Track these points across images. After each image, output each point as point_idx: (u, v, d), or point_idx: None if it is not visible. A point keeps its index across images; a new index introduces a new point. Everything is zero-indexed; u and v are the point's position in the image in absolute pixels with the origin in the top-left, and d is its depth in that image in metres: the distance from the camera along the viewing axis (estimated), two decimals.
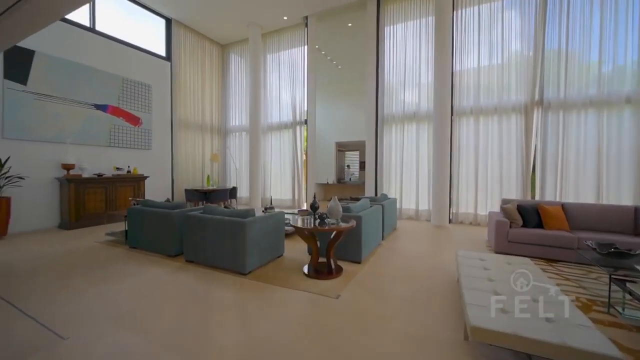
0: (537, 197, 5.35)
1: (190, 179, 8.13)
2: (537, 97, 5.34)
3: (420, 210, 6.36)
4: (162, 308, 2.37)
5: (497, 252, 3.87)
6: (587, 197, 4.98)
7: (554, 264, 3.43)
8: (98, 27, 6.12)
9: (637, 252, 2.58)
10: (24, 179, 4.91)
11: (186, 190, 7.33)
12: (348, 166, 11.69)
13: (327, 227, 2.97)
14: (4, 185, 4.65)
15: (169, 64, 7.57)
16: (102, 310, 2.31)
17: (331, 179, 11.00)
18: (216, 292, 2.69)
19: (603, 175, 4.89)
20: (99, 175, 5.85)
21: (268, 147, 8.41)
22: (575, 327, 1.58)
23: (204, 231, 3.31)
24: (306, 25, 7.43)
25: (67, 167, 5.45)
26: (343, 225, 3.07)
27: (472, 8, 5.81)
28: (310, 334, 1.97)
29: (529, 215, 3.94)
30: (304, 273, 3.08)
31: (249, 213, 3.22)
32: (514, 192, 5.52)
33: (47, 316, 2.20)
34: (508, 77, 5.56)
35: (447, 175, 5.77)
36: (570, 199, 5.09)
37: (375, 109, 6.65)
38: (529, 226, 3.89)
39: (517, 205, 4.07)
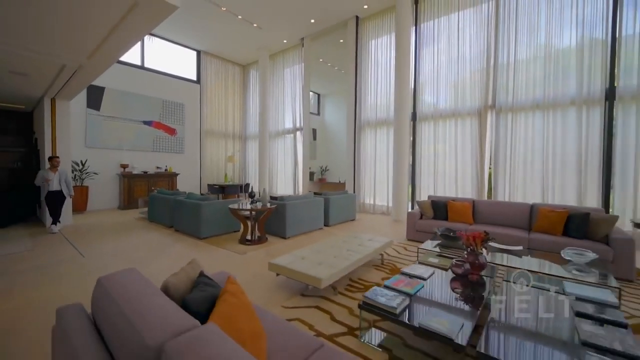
0: (492, 196, 5.63)
1: (215, 176, 10.12)
2: (490, 102, 5.63)
3: (390, 206, 7.04)
4: (157, 250, 3.95)
5: (408, 240, 4.58)
6: (534, 196, 5.14)
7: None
8: (146, 64, 8.41)
9: (455, 235, 3.22)
10: (97, 174, 7.30)
11: (208, 185, 9.30)
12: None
13: (246, 209, 4.23)
14: (84, 178, 7.05)
15: (198, 85, 9.66)
16: (113, 249, 4.00)
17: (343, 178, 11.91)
18: (180, 246, 4.19)
19: (549, 175, 5.01)
20: (145, 172, 8.09)
21: (274, 149, 9.90)
22: (320, 266, 2.58)
23: (181, 209, 4.88)
24: (302, 45, 8.68)
25: (124, 166, 7.77)
26: (259, 206, 4.29)
27: (430, 22, 6.31)
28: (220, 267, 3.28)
29: (440, 209, 4.54)
30: (239, 240, 4.40)
31: (208, 199, 4.68)
32: (470, 191, 5.88)
33: (85, 250, 3.97)
34: (463, 85, 5.94)
35: (406, 175, 6.39)
36: (518, 198, 5.29)
37: (354, 115, 7.54)
38: (438, 219, 4.50)
39: (432, 201, 4.68)
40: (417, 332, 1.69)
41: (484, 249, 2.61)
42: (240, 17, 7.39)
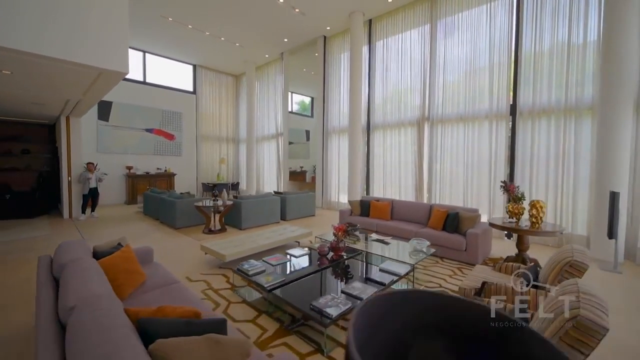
0: (425, 200, 6.46)
1: (209, 175, 11.45)
2: (426, 113, 6.44)
3: None
4: (139, 235, 5.21)
5: None
6: (458, 199, 5.95)
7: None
8: (147, 79, 9.77)
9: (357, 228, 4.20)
10: (107, 174, 8.74)
11: (202, 184, 10.63)
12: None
13: (206, 204, 5.39)
14: (101, 178, 8.52)
15: (194, 96, 10.95)
16: (108, 234, 5.30)
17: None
18: (158, 233, 5.43)
19: (469, 180, 5.80)
20: (147, 173, 9.51)
21: (261, 152, 11.06)
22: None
23: (164, 205, 6.14)
24: (282, 58, 9.70)
25: (129, 168, 9.21)
26: (219, 204, 5.43)
27: (381, 41, 7.14)
28: (178, 249, 4.47)
29: (365, 207, 5.50)
30: (202, 231, 5.58)
31: (181, 197, 5.88)
32: (411, 193, 6.74)
33: (87, 235, 5.29)
34: (405, 98, 6.76)
35: (358, 177, 7.32)
36: (445, 201, 6.11)
37: (322, 122, 8.52)
38: (364, 215, 5.46)
39: (360, 200, 5.64)
40: (248, 280, 2.75)
41: (348, 237, 3.60)
42: (223, 39, 8.52)
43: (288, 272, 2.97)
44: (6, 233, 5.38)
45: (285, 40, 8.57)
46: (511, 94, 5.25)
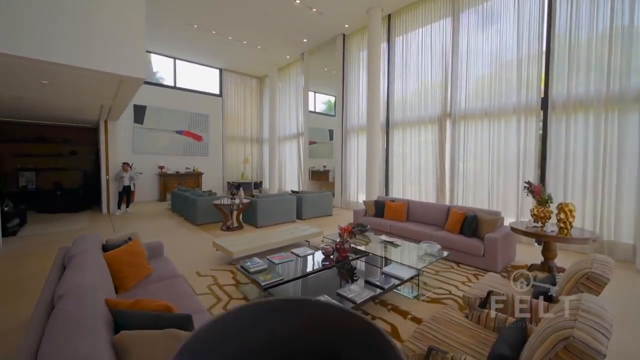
0: (447, 201, 6.13)
1: (234, 174, 11.88)
2: (448, 109, 6.10)
3: None
4: (163, 230, 5.59)
5: None
6: (482, 201, 5.56)
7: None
8: (178, 84, 10.38)
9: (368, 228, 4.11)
10: (142, 173, 9.46)
11: (227, 182, 11.07)
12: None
13: (224, 202, 5.59)
14: (136, 177, 9.24)
15: (220, 98, 11.43)
16: (136, 228, 5.72)
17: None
18: (180, 229, 5.76)
19: (494, 181, 5.40)
20: (177, 172, 10.11)
21: (283, 151, 11.24)
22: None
23: (187, 203, 6.48)
24: (303, 59, 9.77)
25: (160, 167, 9.86)
26: (237, 202, 5.61)
27: (400, 37, 6.89)
28: (194, 244, 4.72)
29: (380, 208, 5.34)
30: (220, 228, 5.80)
31: (203, 195, 6.17)
32: (432, 193, 6.43)
33: (118, 228, 5.76)
34: (425, 94, 6.46)
35: (376, 177, 7.13)
36: (468, 202, 5.74)
37: (341, 121, 8.44)
38: (378, 216, 5.31)
39: (375, 201, 5.50)
40: (249, 277, 2.79)
41: (354, 237, 3.53)
42: (245, 42, 8.79)
43: (289, 271, 2.97)
44: (53, 225, 6.04)
45: (305, 40, 8.62)
46: (542, 86, 4.78)
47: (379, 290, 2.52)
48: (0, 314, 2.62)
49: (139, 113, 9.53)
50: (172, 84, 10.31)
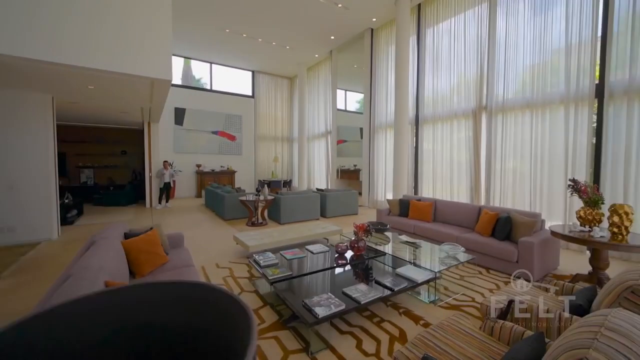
0: (482, 201, 5.64)
1: (265, 173, 12.24)
2: (483, 102, 5.60)
3: None
4: (193, 224, 5.98)
5: None
6: (523, 202, 5.01)
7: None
8: (214, 87, 10.99)
9: (387, 227, 3.94)
10: (181, 171, 10.18)
11: (258, 180, 11.45)
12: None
13: (249, 199, 5.76)
14: (175, 174, 10.00)
15: (253, 99, 11.86)
16: (171, 220, 6.17)
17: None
18: (209, 223, 6.08)
19: (537, 180, 4.82)
20: (212, 170, 10.71)
21: (312, 150, 11.30)
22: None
23: (217, 199, 6.81)
24: (331, 57, 9.72)
25: (198, 165, 10.53)
26: (261, 199, 5.75)
27: (431, 29, 6.48)
28: (219, 237, 4.97)
29: (405, 207, 5.09)
30: (246, 223, 6.00)
31: (231, 191, 6.44)
32: (465, 192, 5.97)
33: (157, 221, 6.26)
34: (458, 87, 6.00)
35: (404, 175, 6.81)
36: (507, 204, 5.21)
37: (369, 118, 8.23)
38: (402, 216, 5.07)
39: (400, 200, 5.24)
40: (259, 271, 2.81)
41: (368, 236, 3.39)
42: (274, 43, 8.99)
43: (299, 267, 2.95)
44: (104, 216, 6.76)
45: (332, 37, 8.55)
46: (597, 71, 4.15)
47: (387, 292, 2.38)
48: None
49: (180, 115, 10.27)
50: (209, 87, 10.95)
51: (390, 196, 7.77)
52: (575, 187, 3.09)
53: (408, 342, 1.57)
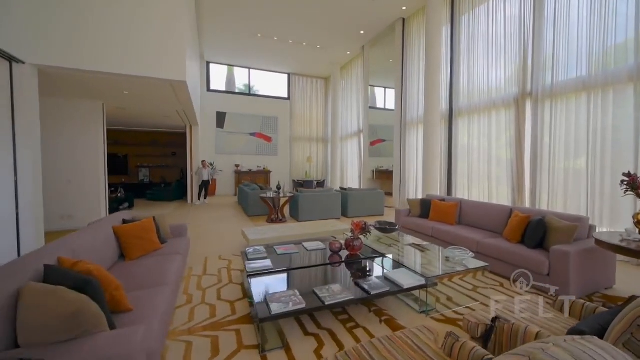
0: (527, 203, 4.82)
1: (300, 173, 12.42)
2: (528, 87, 4.79)
3: None
4: (220, 218, 6.36)
5: None
6: (578, 205, 4.13)
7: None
8: (252, 91, 11.59)
9: (395, 228, 3.61)
10: (222, 171, 10.94)
11: (293, 180, 11.68)
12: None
13: (269, 196, 5.86)
14: (214, 173, 10.80)
15: (288, 101, 12.17)
16: (204, 214, 6.64)
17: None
18: (234, 218, 6.38)
19: (597, 178, 3.92)
20: (249, 170, 11.28)
21: (345, 150, 11.09)
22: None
23: (245, 196, 7.11)
24: (363, 53, 9.43)
25: (236, 165, 11.19)
26: (281, 197, 5.81)
27: (466, 15, 5.79)
28: (234, 231, 5.19)
29: (426, 208, 4.61)
30: (266, 219, 6.12)
31: (255, 189, 6.66)
32: (505, 194, 5.19)
33: (194, 214, 6.80)
34: (497, 72, 5.23)
35: (436, 174, 6.21)
36: (558, 207, 4.34)
37: (400, 114, 7.74)
38: (423, 217, 4.61)
39: (421, 200, 4.77)
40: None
41: (366, 235, 3.13)
42: (304, 44, 9.10)
43: (284, 262, 2.85)
44: (151, 210, 7.59)
45: (362, 32, 8.29)
46: None
47: (362, 295, 2.14)
48: None
49: (221, 119, 11.06)
50: (247, 92, 11.58)
51: (421, 197, 7.18)
52: (630, 182, 2.41)
53: (342, 351, 1.36)
